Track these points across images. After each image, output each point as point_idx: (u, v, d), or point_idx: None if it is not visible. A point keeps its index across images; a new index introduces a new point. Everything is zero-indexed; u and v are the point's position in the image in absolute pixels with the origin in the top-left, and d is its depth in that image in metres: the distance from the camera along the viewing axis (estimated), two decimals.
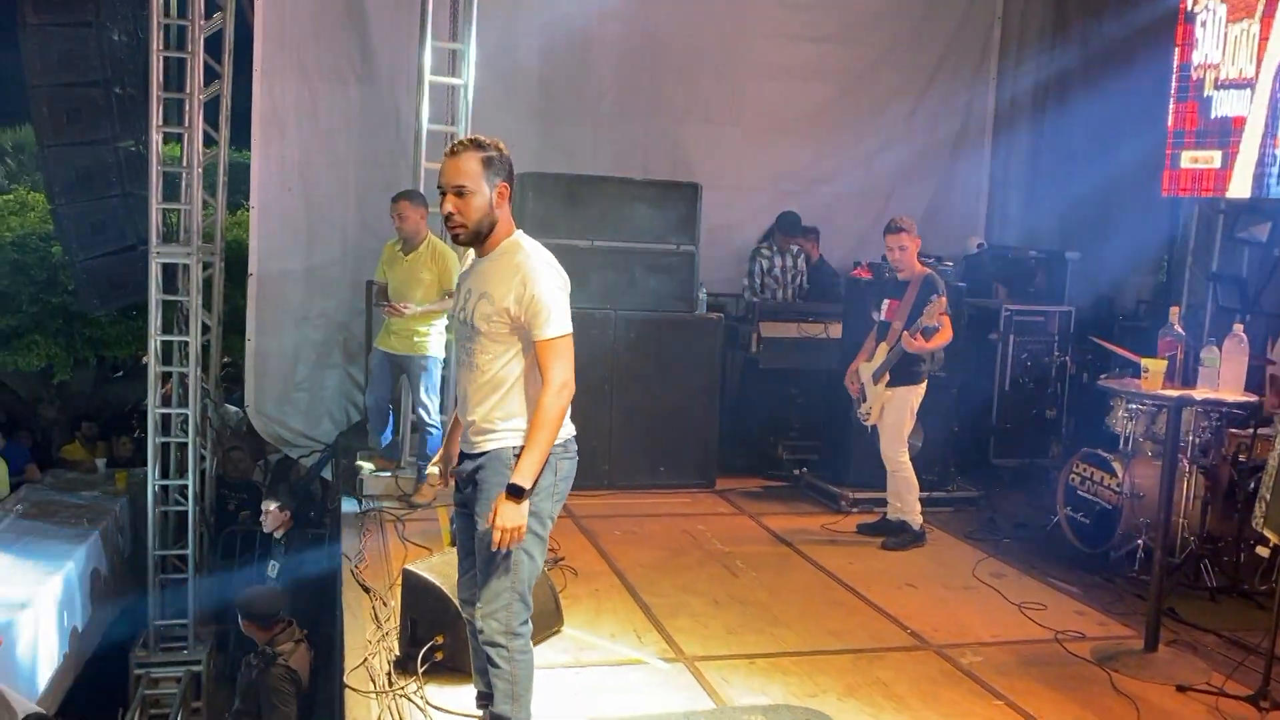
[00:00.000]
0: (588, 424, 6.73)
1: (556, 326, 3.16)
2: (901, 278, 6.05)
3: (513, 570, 3.23)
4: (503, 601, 3.23)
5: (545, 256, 3.26)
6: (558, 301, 3.18)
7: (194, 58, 7.41)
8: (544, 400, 3.15)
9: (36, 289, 8.51)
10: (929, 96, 9.45)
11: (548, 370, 3.16)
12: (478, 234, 3.22)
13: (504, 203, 3.22)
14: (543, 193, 7.00)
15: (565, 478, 3.34)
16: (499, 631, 3.24)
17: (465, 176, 3.16)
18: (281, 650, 5.86)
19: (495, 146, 3.22)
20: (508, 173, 3.22)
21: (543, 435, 3.14)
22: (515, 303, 3.15)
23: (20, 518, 7.69)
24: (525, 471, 3.12)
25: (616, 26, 8.66)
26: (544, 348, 3.16)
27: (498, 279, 3.20)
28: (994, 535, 6.43)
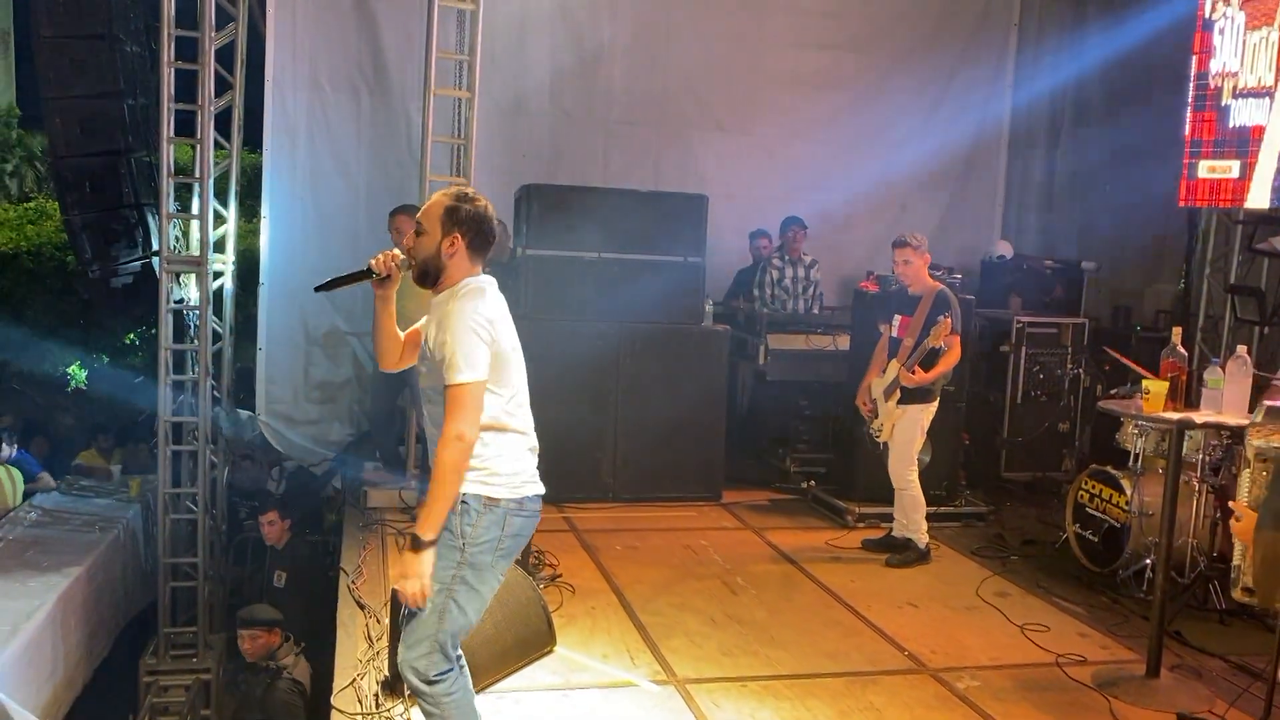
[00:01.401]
0: (592, 435, 6.85)
1: (465, 372, 3.03)
2: (913, 292, 5.99)
3: (439, 618, 3.13)
4: (422, 649, 3.14)
5: (475, 298, 3.14)
6: (471, 345, 3.05)
7: (205, 69, 7.42)
8: (439, 453, 3.06)
9: (52, 297, 8.60)
10: (944, 104, 9.37)
11: (448, 419, 3.04)
12: (424, 273, 3.21)
13: (456, 253, 3.17)
14: (548, 204, 6.99)
15: (515, 535, 3.23)
16: (415, 677, 3.15)
17: (425, 217, 3.21)
18: (285, 664, 5.90)
19: (472, 201, 3.20)
20: (471, 229, 3.18)
21: (438, 488, 3.04)
22: (432, 348, 3.13)
23: (33, 525, 7.74)
24: (423, 522, 3.05)
25: (626, 36, 8.66)
26: (448, 394, 3.05)
27: (435, 324, 3.18)
28: (1001, 552, 6.35)
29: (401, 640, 3.22)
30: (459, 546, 3.13)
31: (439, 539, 3.10)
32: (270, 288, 8.04)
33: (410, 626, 3.19)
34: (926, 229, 8.78)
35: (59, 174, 7.70)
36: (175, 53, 7.37)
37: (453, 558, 3.12)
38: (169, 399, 7.76)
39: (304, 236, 8.13)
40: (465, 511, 3.13)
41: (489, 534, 3.16)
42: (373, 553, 5.90)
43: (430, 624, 3.14)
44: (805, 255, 8.27)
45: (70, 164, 7.55)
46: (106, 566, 7.52)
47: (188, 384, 7.91)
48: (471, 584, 3.16)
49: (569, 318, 6.94)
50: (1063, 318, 7.95)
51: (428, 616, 3.14)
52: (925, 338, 5.72)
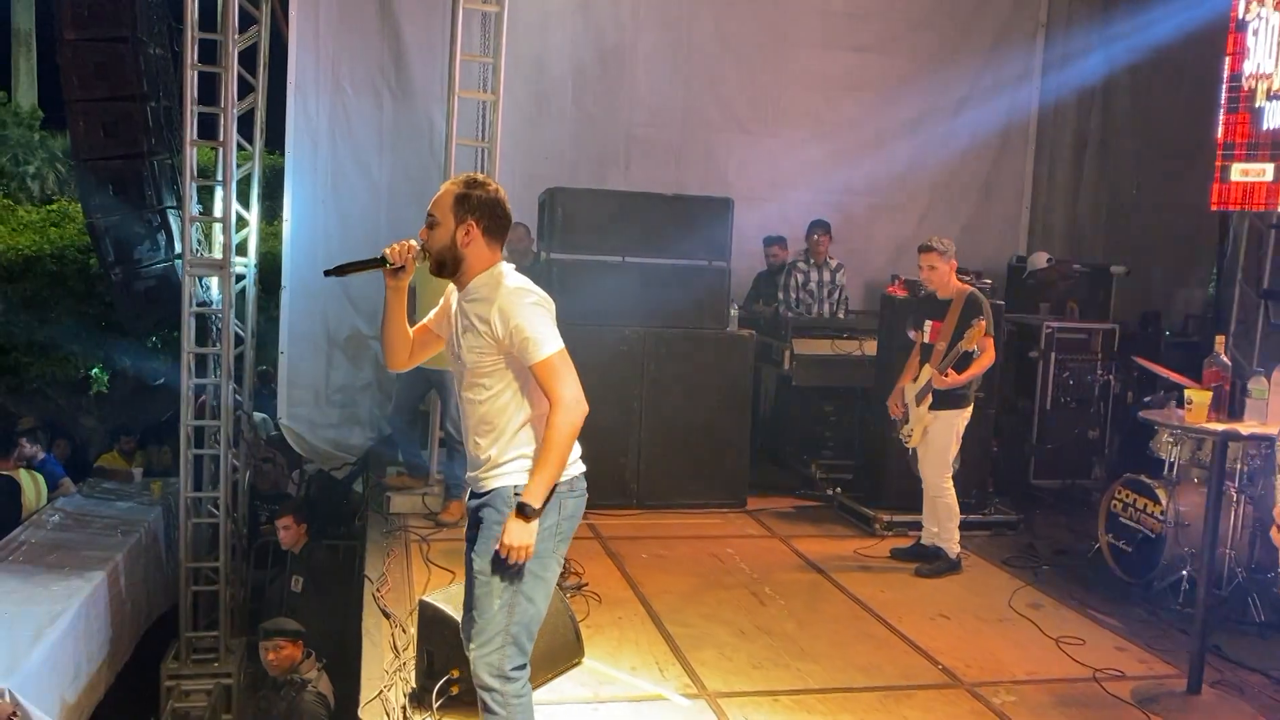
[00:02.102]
0: (616, 441, 6.79)
1: (547, 345, 3.06)
2: (942, 296, 5.90)
3: (508, 612, 3.12)
4: (495, 644, 3.12)
5: (522, 283, 3.17)
6: (541, 320, 3.08)
7: (228, 72, 7.41)
8: (553, 418, 3.05)
9: (74, 300, 8.60)
10: (969, 106, 9.27)
11: (552, 390, 3.06)
12: (441, 264, 3.18)
13: (473, 240, 3.14)
14: (573, 209, 6.92)
15: (569, 517, 3.22)
16: (490, 674, 3.13)
17: (436, 207, 3.17)
18: (309, 677, 5.84)
19: (483, 187, 3.17)
20: (485, 214, 3.14)
21: (552, 453, 3.04)
22: (499, 333, 3.08)
23: (55, 529, 7.73)
24: (534, 490, 3.04)
25: (649, 38, 8.62)
26: (541, 370, 3.06)
27: (478, 314, 3.13)
28: (1032, 562, 6.25)
29: (473, 641, 3.17)
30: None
31: (496, 533, 3.08)
32: (292, 291, 8.01)
33: (478, 626, 3.15)
34: (952, 232, 8.71)
35: (82, 177, 7.70)
36: (198, 55, 7.35)
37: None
38: (191, 402, 7.76)
39: (325, 239, 8.10)
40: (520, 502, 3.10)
41: (547, 519, 3.12)
42: (397, 560, 5.84)
43: (500, 619, 3.11)
44: (830, 259, 8.19)
45: (93, 167, 7.54)
46: (129, 570, 7.50)
47: (209, 387, 7.90)
48: (535, 572, 3.13)
49: (592, 322, 6.86)
50: (1092, 323, 7.84)
51: (497, 613, 3.11)
52: (958, 341, 5.64)
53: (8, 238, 8.68)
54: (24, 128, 16.79)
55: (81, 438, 9.80)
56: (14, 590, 6.49)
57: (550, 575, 3.22)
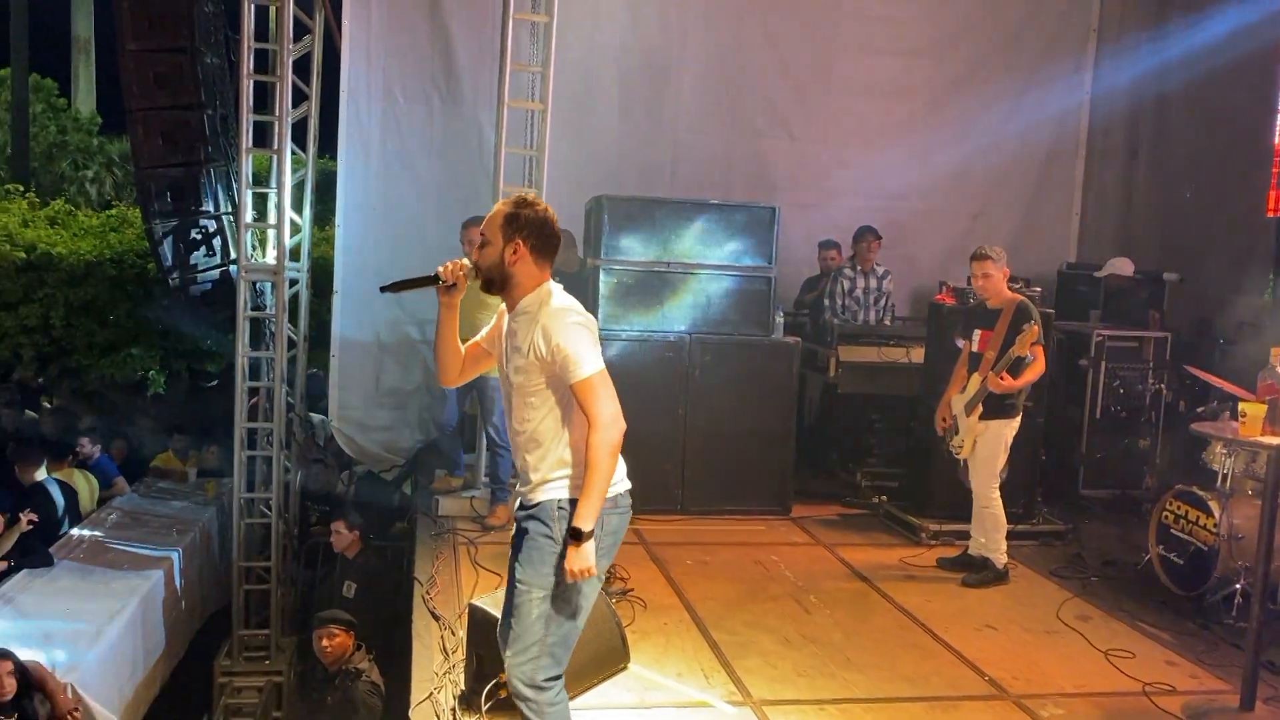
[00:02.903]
0: (660, 447, 6.82)
1: (588, 365, 3.10)
2: (991, 305, 5.87)
3: (546, 623, 3.19)
4: (531, 654, 3.18)
5: (566, 303, 3.23)
6: (582, 340, 3.13)
7: (282, 81, 7.54)
8: (593, 439, 3.10)
9: (133, 304, 8.81)
10: (1019, 111, 9.18)
11: (590, 409, 3.10)
12: (490, 282, 3.24)
13: (520, 260, 3.20)
14: (618, 215, 6.98)
15: (612, 533, 3.28)
16: (523, 683, 3.19)
17: (487, 227, 3.24)
18: (361, 668, 5.96)
19: (532, 206, 3.22)
20: (533, 233, 3.20)
21: (596, 475, 3.10)
22: (542, 353, 3.13)
23: (113, 527, 7.93)
24: (583, 514, 3.10)
25: (696, 45, 8.65)
26: (580, 389, 3.11)
27: (524, 333, 3.20)
28: (1080, 573, 6.19)
29: (509, 648, 3.24)
30: (561, 551, 3.15)
31: (540, 545, 3.17)
32: (344, 295, 8.14)
33: (515, 634, 3.22)
34: (1000, 238, 8.64)
35: (141, 184, 7.90)
36: (254, 65, 7.50)
37: (555, 562, 3.15)
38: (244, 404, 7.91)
39: (376, 245, 8.22)
40: (564, 517, 3.17)
41: None
42: (445, 562, 5.93)
43: (537, 629, 3.18)
44: (878, 266, 8.16)
45: (152, 174, 7.74)
46: (184, 569, 7.68)
47: (263, 390, 8.05)
48: (577, 587, 3.20)
49: (637, 328, 6.93)
50: (1144, 331, 7.74)
51: (534, 623, 3.18)
52: (1009, 347, 5.61)
53: (69, 243, 8.91)
54: (83, 133, 17.22)
55: (138, 438, 10.02)
56: (75, 588, 6.68)
57: (590, 590, 3.27)
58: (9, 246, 8.51)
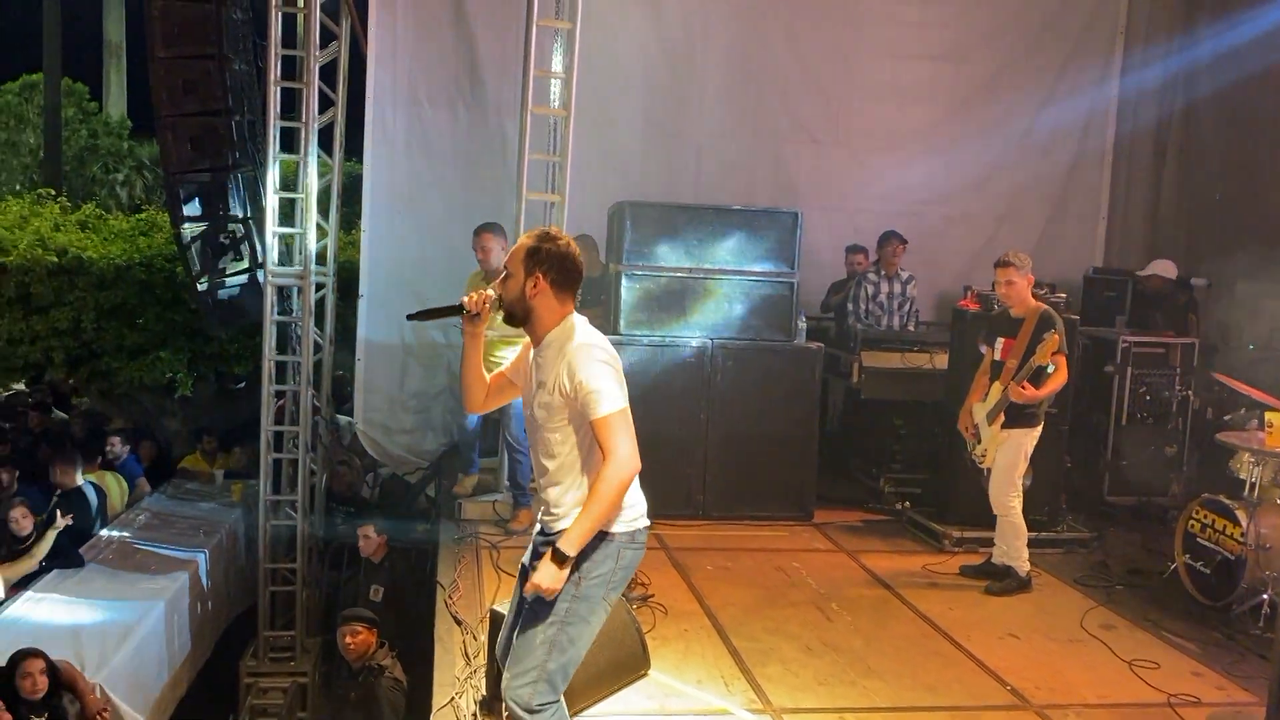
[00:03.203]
0: (681, 452, 6.84)
1: (608, 404, 3.12)
2: (1015, 314, 5.84)
3: (548, 649, 3.19)
4: (529, 679, 3.19)
5: (591, 339, 3.24)
6: (605, 378, 3.14)
7: (309, 88, 7.61)
8: (603, 471, 3.11)
9: (161, 307, 8.89)
10: (1045, 114, 9.14)
11: (606, 445, 3.11)
12: (512, 315, 3.27)
13: (540, 292, 3.22)
14: (640, 221, 7.00)
15: (625, 567, 3.29)
16: (518, 705, 3.19)
17: (510, 260, 3.26)
18: (385, 664, 6.02)
19: (554, 241, 3.24)
20: (553, 267, 3.21)
21: (596, 506, 3.10)
22: (566, 388, 3.15)
23: (142, 529, 8.04)
24: (571, 538, 3.10)
25: (719, 49, 8.66)
26: (600, 426, 3.13)
27: (549, 367, 3.22)
28: (1105, 581, 6.15)
29: (508, 668, 3.26)
30: (574, 580, 3.16)
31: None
32: (369, 300, 8.19)
33: (517, 655, 3.23)
34: (1026, 243, 8.61)
35: (170, 189, 7.96)
36: (280, 71, 7.57)
37: (566, 590, 3.16)
38: (270, 407, 7.99)
39: (402, 250, 8.27)
40: (584, 548, 3.16)
41: (603, 567, 3.20)
42: (468, 566, 5.97)
43: (539, 654, 3.19)
44: (902, 271, 8.13)
45: (181, 179, 7.81)
46: (211, 571, 7.77)
47: (289, 393, 8.13)
48: (583, 616, 3.21)
49: (660, 333, 6.95)
50: (1171, 337, 7.67)
51: (537, 647, 3.19)
52: (1031, 356, 5.59)
53: (100, 247, 9.00)
54: (114, 137, 17.43)
55: (166, 439, 10.14)
56: (104, 589, 6.78)
57: (596, 621, 3.28)
58: (41, 250, 8.62)
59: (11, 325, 8.63)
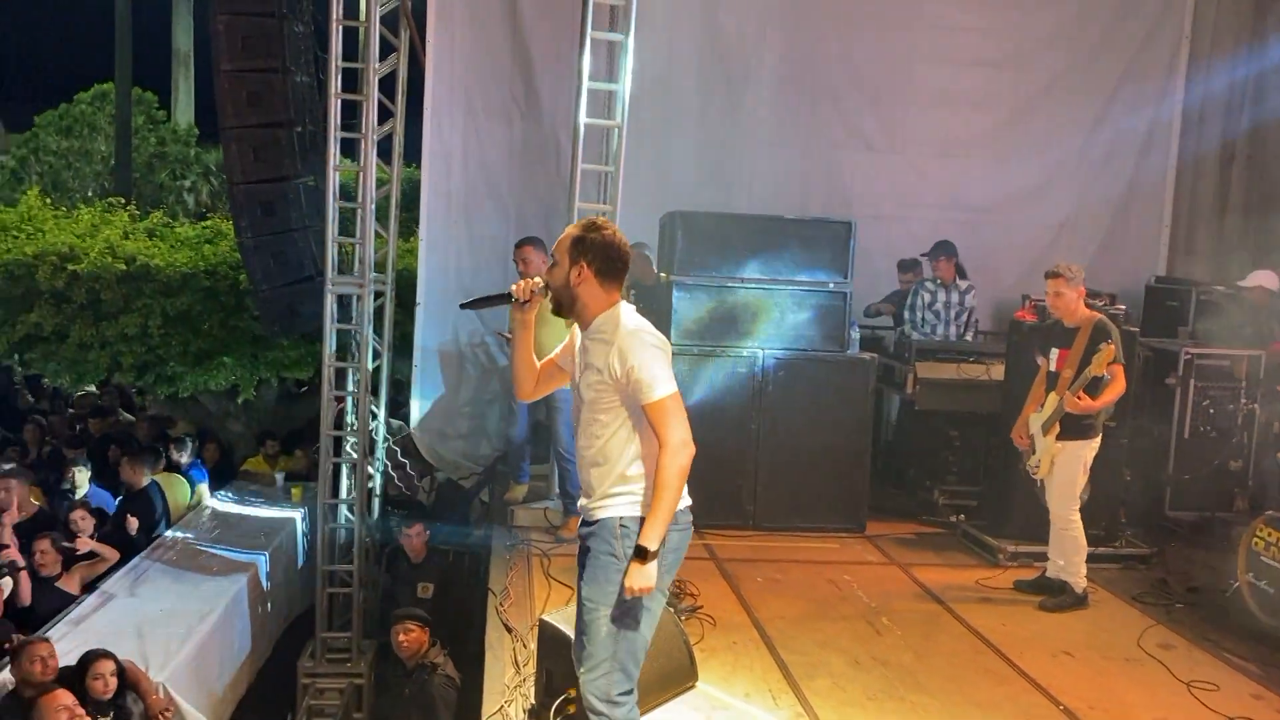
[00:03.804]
0: (732, 462, 6.84)
1: (660, 388, 3.19)
2: (1069, 324, 5.77)
3: (614, 639, 3.27)
4: (603, 670, 3.28)
5: (640, 325, 3.31)
6: (657, 363, 3.21)
7: (368, 100, 7.73)
8: (662, 460, 3.18)
9: (225, 314, 9.12)
10: (1106, 121, 9.01)
11: (661, 432, 3.19)
12: (559, 304, 3.34)
13: (585, 281, 3.28)
14: (693, 230, 7.02)
15: (674, 549, 3.35)
16: (598, 699, 3.29)
17: (556, 249, 3.35)
18: (437, 662, 6.13)
19: (600, 230, 3.30)
20: (597, 256, 3.27)
21: (665, 495, 3.18)
22: (617, 373, 3.21)
23: (204, 530, 8.24)
24: (649, 534, 3.19)
25: (773, 58, 8.67)
26: (652, 411, 3.20)
27: (597, 352, 3.28)
28: (1164, 599, 6.03)
29: (582, 666, 3.34)
30: (625, 569, 3.22)
31: (604, 563, 3.25)
32: (426, 307, 8.35)
33: (587, 652, 3.31)
34: (1086, 251, 8.51)
35: (234, 198, 8.14)
36: (341, 84, 7.71)
37: (620, 579, 3.22)
38: (330, 412, 8.14)
39: (458, 258, 8.42)
40: (626, 534, 3.25)
41: None
42: (519, 574, 6.03)
43: (608, 646, 3.27)
44: (960, 281, 8.04)
45: (244, 189, 7.99)
46: (271, 572, 7.93)
47: (348, 399, 8.28)
48: (643, 603, 3.28)
49: (712, 343, 6.95)
50: (1236, 349, 7.48)
51: (605, 640, 3.27)
52: (1087, 366, 5.51)
53: (167, 255, 9.26)
54: (181, 144, 17.85)
55: (229, 442, 10.39)
56: (167, 589, 6.97)
57: (655, 605, 3.36)
58: (111, 258, 8.89)
59: (82, 331, 8.90)
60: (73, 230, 9.46)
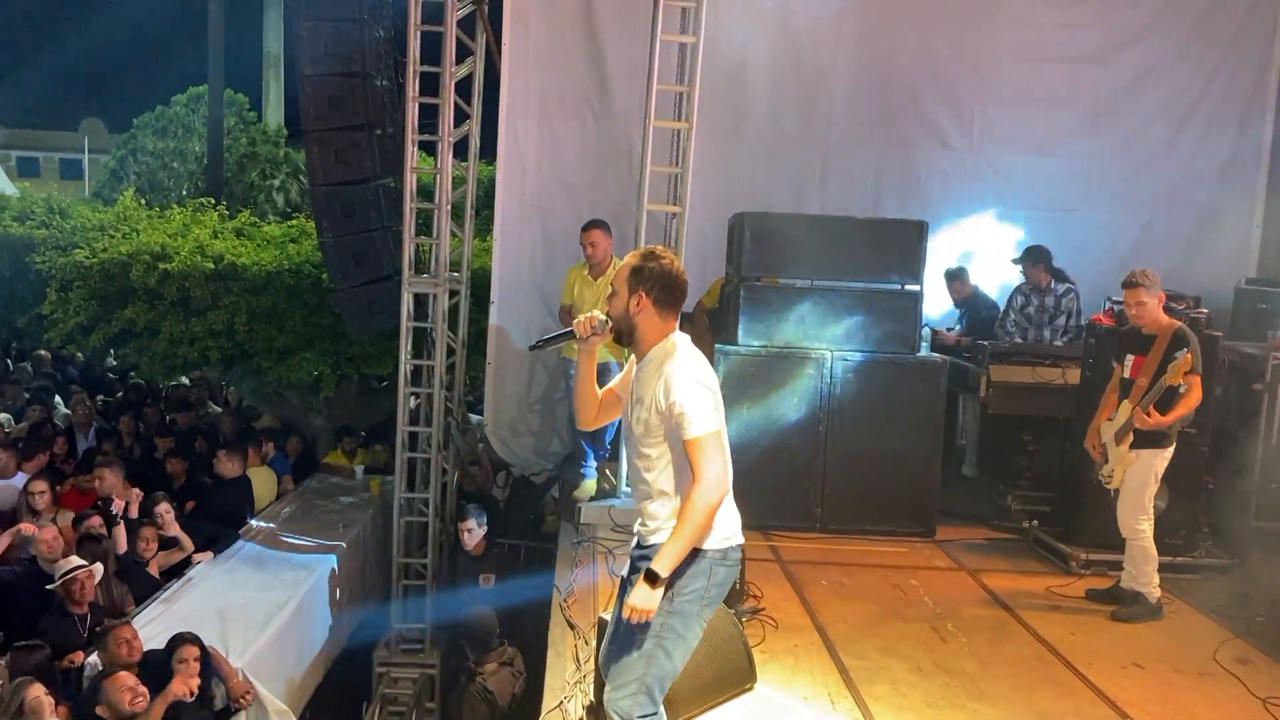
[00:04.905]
0: (799, 465, 6.84)
1: (699, 425, 3.21)
2: (1147, 330, 5.63)
3: (646, 663, 3.30)
4: (629, 690, 3.31)
5: (689, 357, 3.33)
6: (699, 400, 3.23)
7: (445, 103, 7.90)
8: (692, 494, 3.20)
9: (308, 311, 9.37)
10: (1194, 118, 8.76)
11: (697, 467, 3.21)
12: (618, 333, 3.38)
13: (644, 310, 3.32)
14: (761, 231, 7.02)
15: (719, 584, 3.37)
16: (619, 717, 3.31)
17: (616, 279, 3.39)
18: (484, 670, 6.18)
19: (658, 260, 3.34)
20: (656, 285, 3.31)
21: (686, 528, 3.20)
22: (661, 407, 3.25)
23: (286, 520, 8.50)
24: (662, 560, 3.20)
25: (848, 58, 8.60)
26: (691, 447, 3.22)
27: (647, 384, 3.33)
28: (1244, 612, 5.84)
29: (609, 680, 3.39)
30: (668, 597, 3.26)
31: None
32: (500, 306, 8.48)
33: (618, 667, 3.36)
34: (1171, 253, 8.28)
35: (315, 200, 8.39)
36: (419, 88, 7.88)
37: (661, 607, 3.25)
38: (406, 408, 8.34)
39: (531, 258, 8.54)
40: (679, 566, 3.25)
41: (695, 584, 3.29)
42: (584, 571, 6.11)
43: (638, 667, 3.31)
44: (1056, 285, 7.86)
45: (325, 191, 8.23)
46: (348, 563, 8.15)
47: (423, 395, 8.47)
48: (678, 631, 3.31)
49: (779, 345, 6.94)
50: None
51: (635, 660, 3.31)
52: (1162, 376, 5.38)
53: (253, 253, 9.56)
54: (271, 144, 18.37)
55: (312, 436, 10.69)
56: (249, 578, 7.21)
57: (692, 636, 3.37)
58: (200, 257, 9.21)
59: (173, 327, 9.24)
60: (165, 230, 9.81)
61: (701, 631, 3.41)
